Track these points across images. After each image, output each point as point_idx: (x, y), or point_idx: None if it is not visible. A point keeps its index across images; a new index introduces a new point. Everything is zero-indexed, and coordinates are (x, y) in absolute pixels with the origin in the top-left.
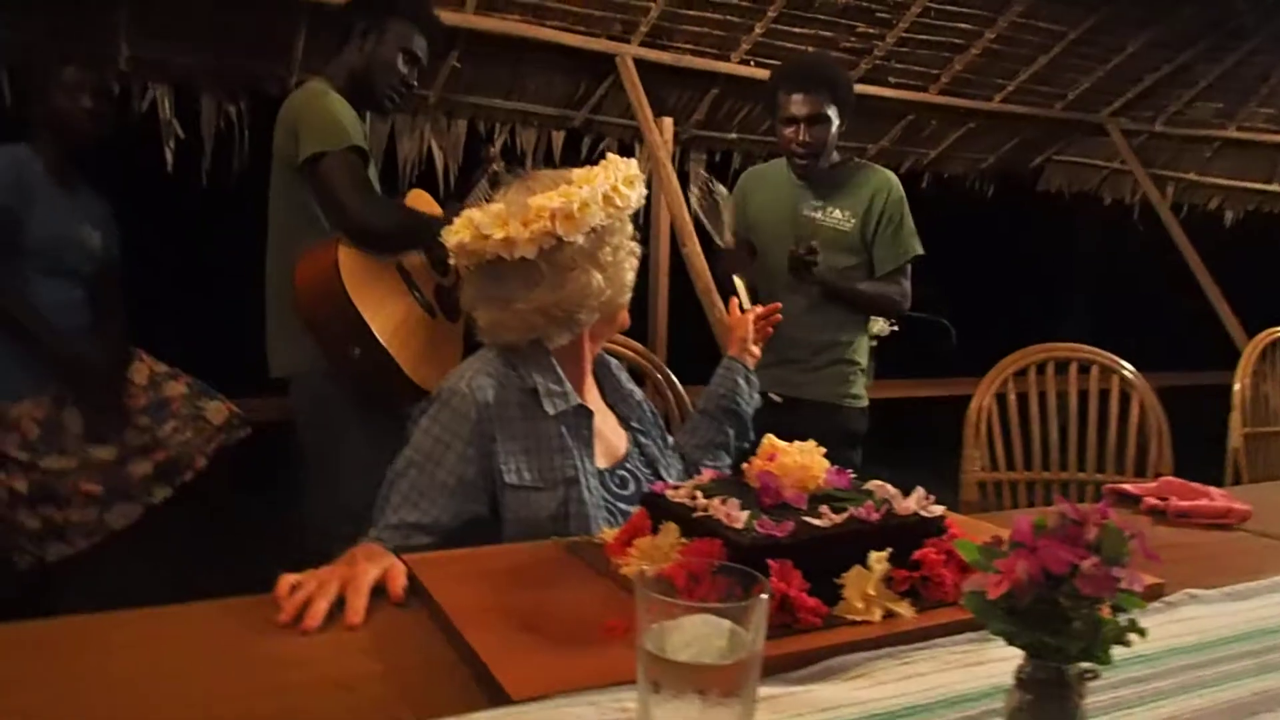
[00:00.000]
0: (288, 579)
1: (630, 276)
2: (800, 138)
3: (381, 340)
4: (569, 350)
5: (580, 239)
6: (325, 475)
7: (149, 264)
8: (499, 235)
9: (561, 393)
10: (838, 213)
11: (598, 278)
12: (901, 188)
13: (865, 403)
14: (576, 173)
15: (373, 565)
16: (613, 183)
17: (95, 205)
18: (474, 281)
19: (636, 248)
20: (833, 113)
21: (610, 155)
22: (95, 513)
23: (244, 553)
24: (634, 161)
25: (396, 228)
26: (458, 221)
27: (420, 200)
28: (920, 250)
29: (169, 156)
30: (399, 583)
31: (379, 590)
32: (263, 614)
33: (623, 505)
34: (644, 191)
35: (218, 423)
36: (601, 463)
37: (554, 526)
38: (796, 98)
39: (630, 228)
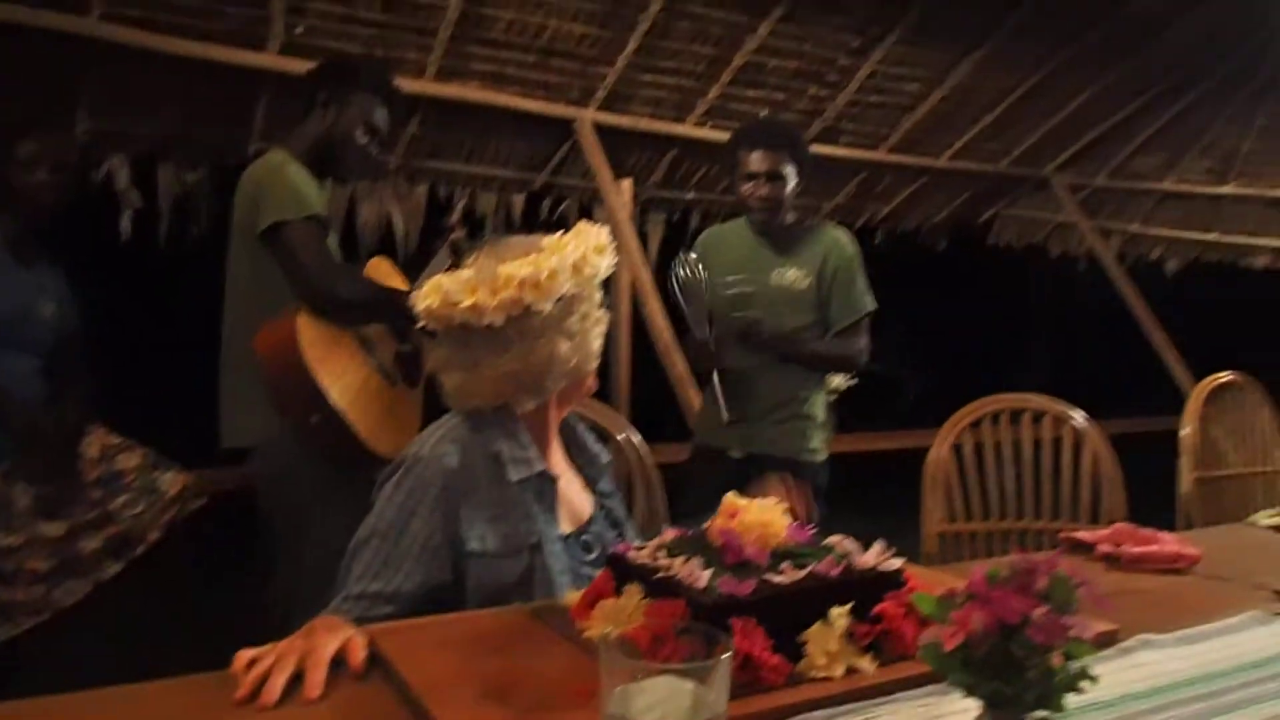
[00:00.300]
0: (244, 654)
1: (597, 344)
2: (759, 192)
3: (340, 408)
4: (535, 415)
5: (549, 307)
6: (288, 546)
7: (105, 332)
8: (467, 302)
9: (526, 459)
10: (792, 272)
11: (565, 345)
12: (854, 245)
13: (824, 456)
14: (547, 240)
15: (332, 637)
16: (583, 251)
17: (52, 278)
18: (442, 345)
19: (605, 315)
20: (790, 170)
21: (581, 223)
22: (42, 590)
23: (199, 627)
24: (604, 229)
25: (358, 298)
26: (427, 286)
27: (381, 268)
28: (873, 306)
29: (126, 225)
30: (358, 654)
31: (339, 662)
32: (219, 691)
33: (588, 570)
34: (614, 259)
35: (172, 494)
36: (566, 527)
37: (518, 593)
38: (756, 155)
39: (599, 295)
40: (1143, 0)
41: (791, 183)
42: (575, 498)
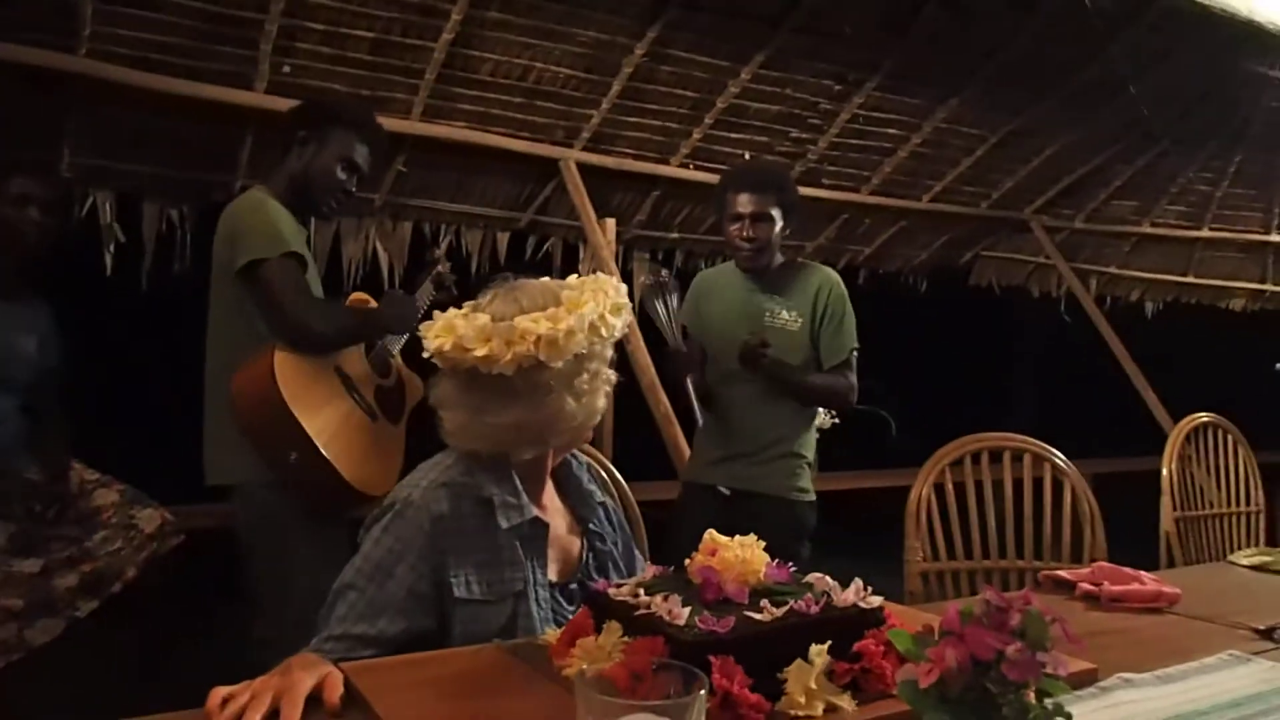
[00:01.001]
0: (219, 691)
1: (602, 403)
2: (745, 233)
3: (319, 445)
4: (531, 463)
5: (561, 364)
6: (269, 585)
7: (84, 368)
8: (480, 351)
9: (517, 505)
10: (785, 313)
11: (572, 403)
12: (842, 284)
13: (813, 496)
14: (566, 291)
15: (308, 674)
16: (601, 311)
17: (34, 314)
18: (447, 382)
19: (612, 375)
20: (777, 213)
21: (599, 276)
22: (15, 629)
23: (176, 666)
24: (622, 287)
25: (335, 330)
26: (439, 324)
27: (360, 304)
28: (855, 344)
29: (109, 260)
30: (335, 691)
31: (315, 700)
32: None
33: (569, 617)
34: (629, 319)
35: (149, 531)
36: (554, 574)
37: (502, 640)
38: (743, 197)
39: (610, 354)
40: (1113, 54)
41: (778, 225)
42: (565, 541)
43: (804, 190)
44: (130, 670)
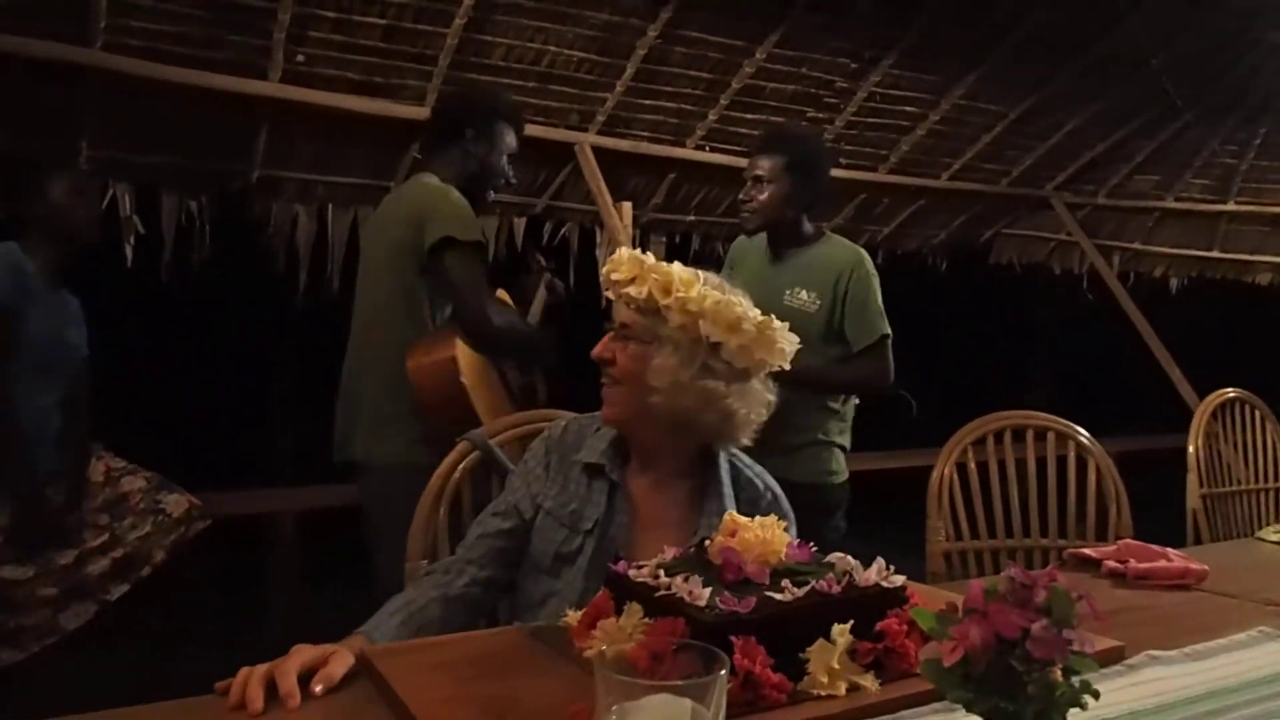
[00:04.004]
0: (221, 685)
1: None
2: (743, 195)
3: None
4: (657, 438)
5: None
6: (385, 563)
7: (110, 359)
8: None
9: (606, 457)
10: (804, 294)
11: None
12: (870, 264)
13: (844, 477)
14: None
15: (307, 651)
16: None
17: (73, 304)
18: (684, 338)
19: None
20: (782, 176)
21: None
22: (49, 614)
23: (205, 648)
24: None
25: (508, 331)
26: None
27: (501, 301)
28: (886, 331)
29: (129, 252)
30: (335, 667)
31: (343, 683)
32: (217, 714)
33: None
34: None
35: (177, 515)
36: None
37: (566, 568)
38: (751, 160)
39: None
40: (1133, 26)
41: (779, 187)
42: (674, 530)
43: None
44: (161, 653)
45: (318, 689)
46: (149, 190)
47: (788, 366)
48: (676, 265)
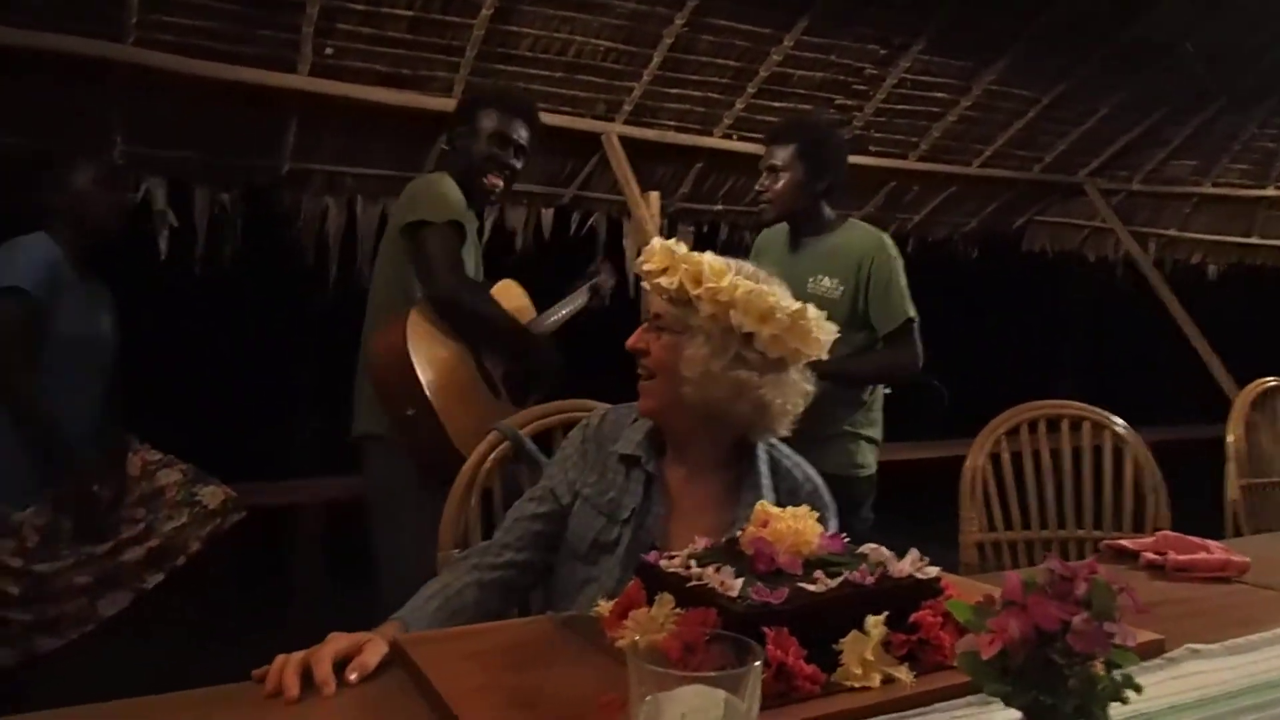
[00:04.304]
0: (258, 672)
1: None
2: (759, 186)
3: (430, 396)
4: (691, 431)
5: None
6: (385, 546)
7: (144, 351)
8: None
9: (641, 449)
10: (826, 280)
11: (773, 395)
12: (894, 248)
13: (872, 470)
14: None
15: (343, 640)
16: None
17: (104, 293)
18: (716, 328)
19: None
20: (794, 164)
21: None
22: (86, 601)
23: (241, 636)
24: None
25: (480, 309)
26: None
27: (511, 290)
28: (911, 314)
29: (163, 245)
30: (371, 655)
31: (378, 670)
32: (254, 701)
33: None
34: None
35: (213, 506)
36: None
37: (605, 558)
38: (766, 150)
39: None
40: (1165, 9)
41: (792, 176)
42: (710, 519)
43: (851, 158)
44: (195, 641)
45: (352, 677)
46: (181, 184)
47: (825, 356)
48: (709, 255)
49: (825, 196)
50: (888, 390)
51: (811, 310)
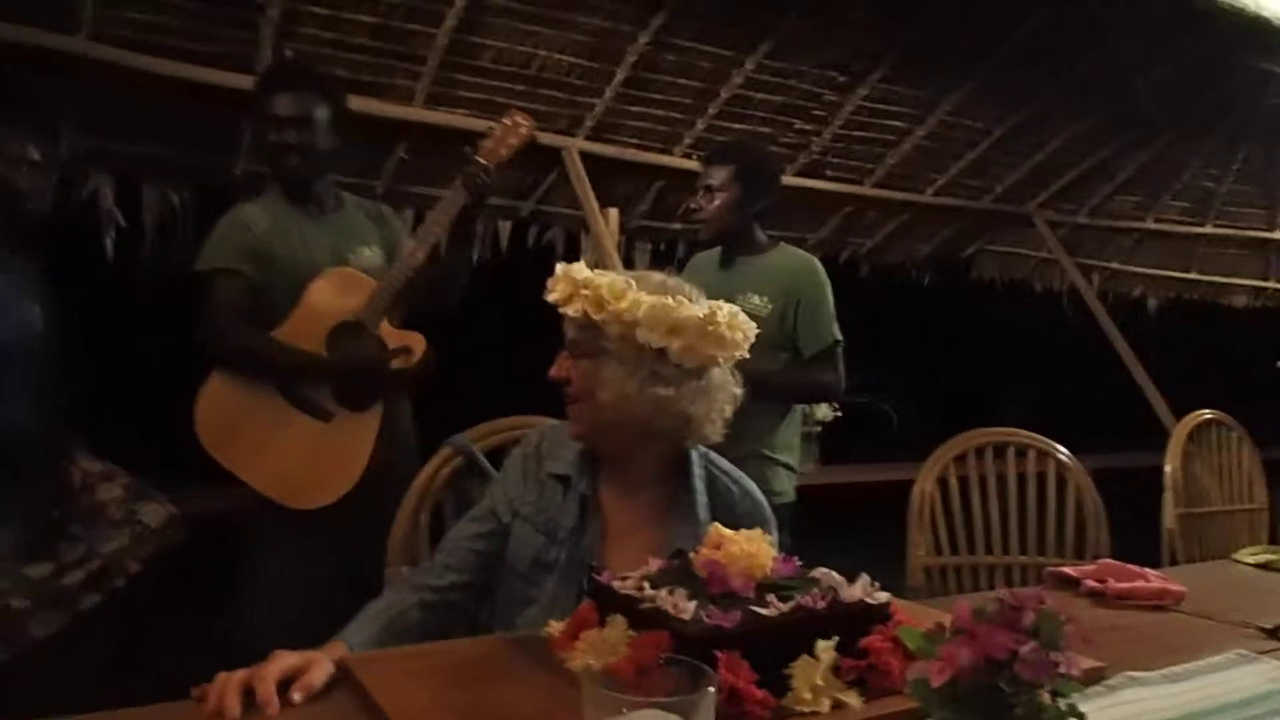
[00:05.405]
0: (198, 690)
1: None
2: (693, 204)
3: (263, 492)
4: (618, 449)
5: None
6: (244, 573)
7: (87, 352)
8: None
9: (575, 471)
10: (755, 298)
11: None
12: (824, 273)
13: (790, 498)
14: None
15: (288, 657)
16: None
17: (30, 282)
18: (629, 350)
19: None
20: (731, 185)
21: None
22: (19, 622)
23: (176, 654)
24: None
25: (245, 352)
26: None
27: (343, 278)
28: (838, 336)
29: (109, 245)
30: (315, 675)
31: (325, 692)
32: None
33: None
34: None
35: (155, 527)
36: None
37: (543, 576)
38: (703, 171)
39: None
40: (1117, 46)
41: (727, 196)
42: (648, 534)
43: (807, 182)
44: (130, 659)
45: (296, 697)
46: (130, 182)
47: (747, 355)
48: (609, 276)
49: (759, 219)
50: (839, 413)
51: (723, 311)
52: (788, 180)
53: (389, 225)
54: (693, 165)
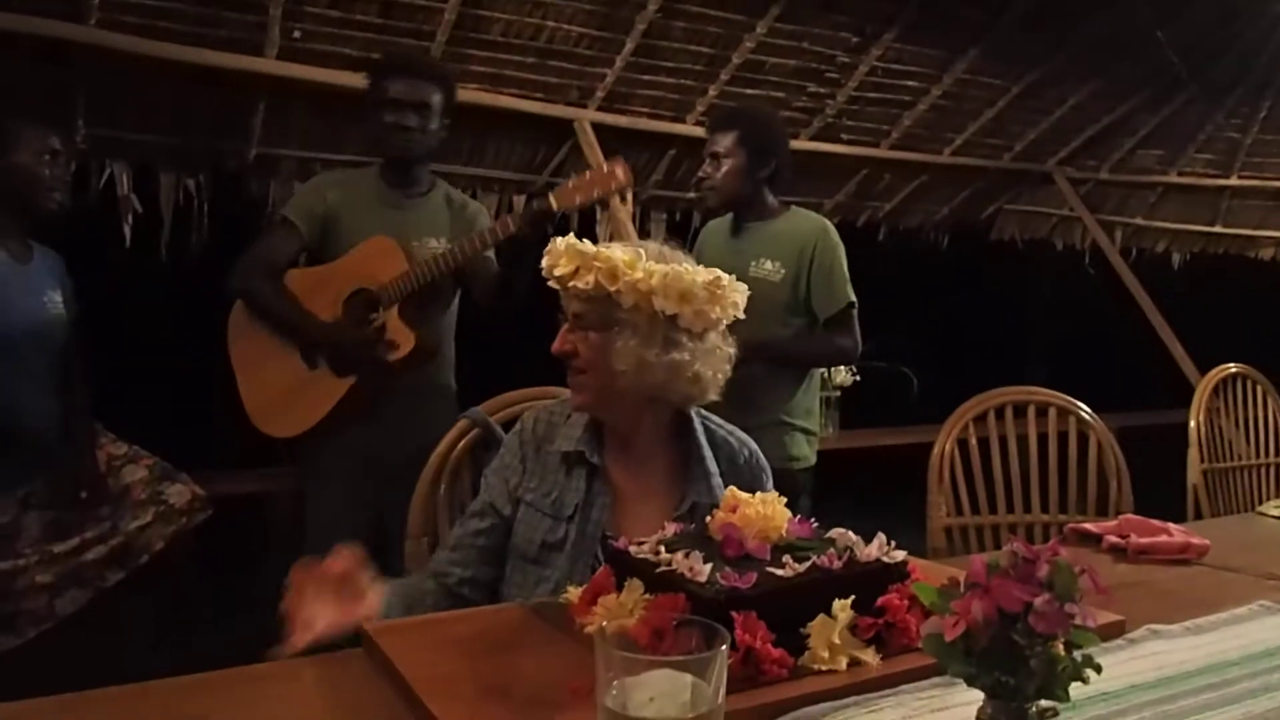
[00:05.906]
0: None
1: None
2: (701, 173)
3: (235, 368)
4: (625, 418)
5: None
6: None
7: (109, 339)
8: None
9: (584, 444)
10: (768, 264)
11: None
12: (836, 235)
13: (809, 463)
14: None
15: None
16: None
17: (53, 271)
18: (642, 320)
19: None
20: (736, 151)
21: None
22: (45, 599)
23: (200, 630)
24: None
25: (258, 303)
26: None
27: (381, 247)
28: (851, 299)
29: (127, 232)
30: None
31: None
32: (219, 688)
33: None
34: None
35: (179, 506)
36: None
37: (552, 558)
38: (709, 138)
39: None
40: None
41: (733, 163)
42: (657, 502)
43: (822, 146)
44: (154, 635)
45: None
46: (146, 169)
47: (742, 316)
48: (616, 247)
49: (768, 183)
50: (857, 377)
51: (723, 275)
52: (803, 145)
53: (463, 217)
54: (705, 133)
